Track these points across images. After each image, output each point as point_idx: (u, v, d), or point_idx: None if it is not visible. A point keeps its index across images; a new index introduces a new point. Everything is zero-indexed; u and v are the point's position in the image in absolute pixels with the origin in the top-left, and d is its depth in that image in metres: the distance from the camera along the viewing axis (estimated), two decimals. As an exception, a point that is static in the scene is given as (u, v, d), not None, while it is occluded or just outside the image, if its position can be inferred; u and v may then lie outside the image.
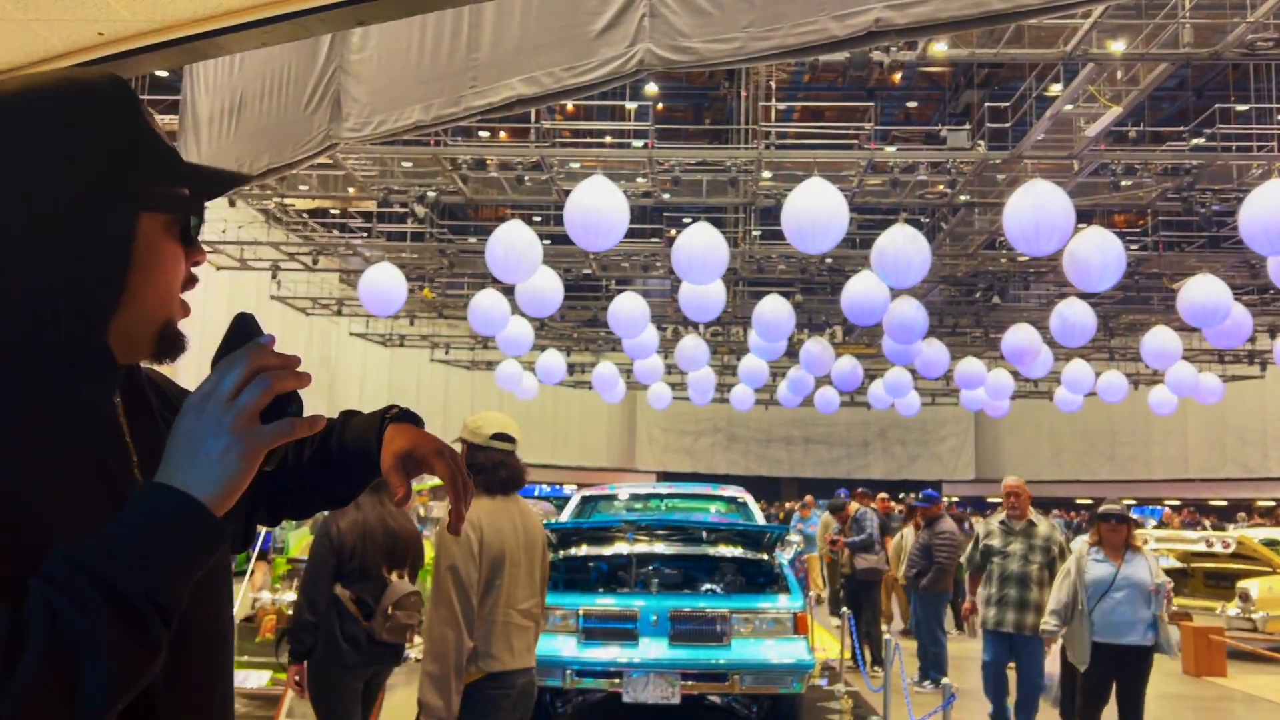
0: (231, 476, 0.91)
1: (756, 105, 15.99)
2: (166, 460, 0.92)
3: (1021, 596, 6.58)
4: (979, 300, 21.39)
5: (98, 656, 0.82)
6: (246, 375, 0.92)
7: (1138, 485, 33.11)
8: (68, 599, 0.82)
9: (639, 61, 5.09)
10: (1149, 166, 14.59)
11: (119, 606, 0.83)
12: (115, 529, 0.87)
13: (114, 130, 1.06)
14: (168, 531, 0.88)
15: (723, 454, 37.70)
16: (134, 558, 0.86)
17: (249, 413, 0.91)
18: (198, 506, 0.89)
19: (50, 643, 0.80)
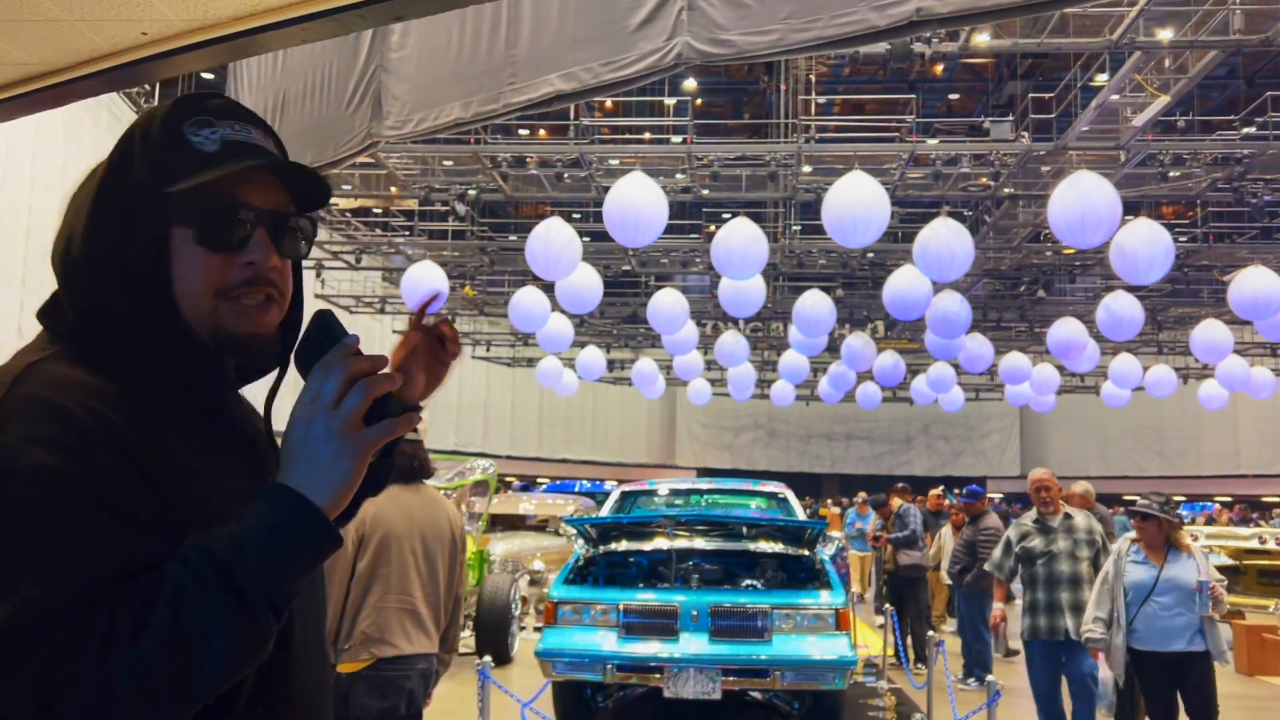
0: (344, 481, 0.98)
1: (796, 99, 15.89)
2: (284, 466, 0.99)
3: (1076, 599, 5.94)
4: (1023, 294, 21.11)
5: (215, 635, 0.91)
6: (345, 382, 0.98)
7: (1187, 481, 32.51)
8: (194, 582, 0.92)
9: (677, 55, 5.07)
10: (1198, 156, 14.31)
11: (237, 595, 0.93)
12: (242, 524, 0.97)
13: (146, 147, 1.14)
14: (287, 533, 0.96)
15: (763, 450, 37.56)
16: (255, 554, 0.94)
17: (354, 419, 0.97)
18: (315, 511, 0.97)
19: (173, 618, 0.91)
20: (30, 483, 0.94)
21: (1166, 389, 20.26)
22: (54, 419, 0.98)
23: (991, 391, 29.66)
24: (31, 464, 0.94)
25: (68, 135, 15.73)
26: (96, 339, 1.12)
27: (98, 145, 16.70)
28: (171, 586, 0.92)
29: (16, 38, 2.58)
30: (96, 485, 0.96)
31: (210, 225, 1.11)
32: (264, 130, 1.20)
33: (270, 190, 1.16)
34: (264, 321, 1.15)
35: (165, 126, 1.14)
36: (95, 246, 1.13)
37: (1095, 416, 31.45)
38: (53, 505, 0.94)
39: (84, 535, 0.93)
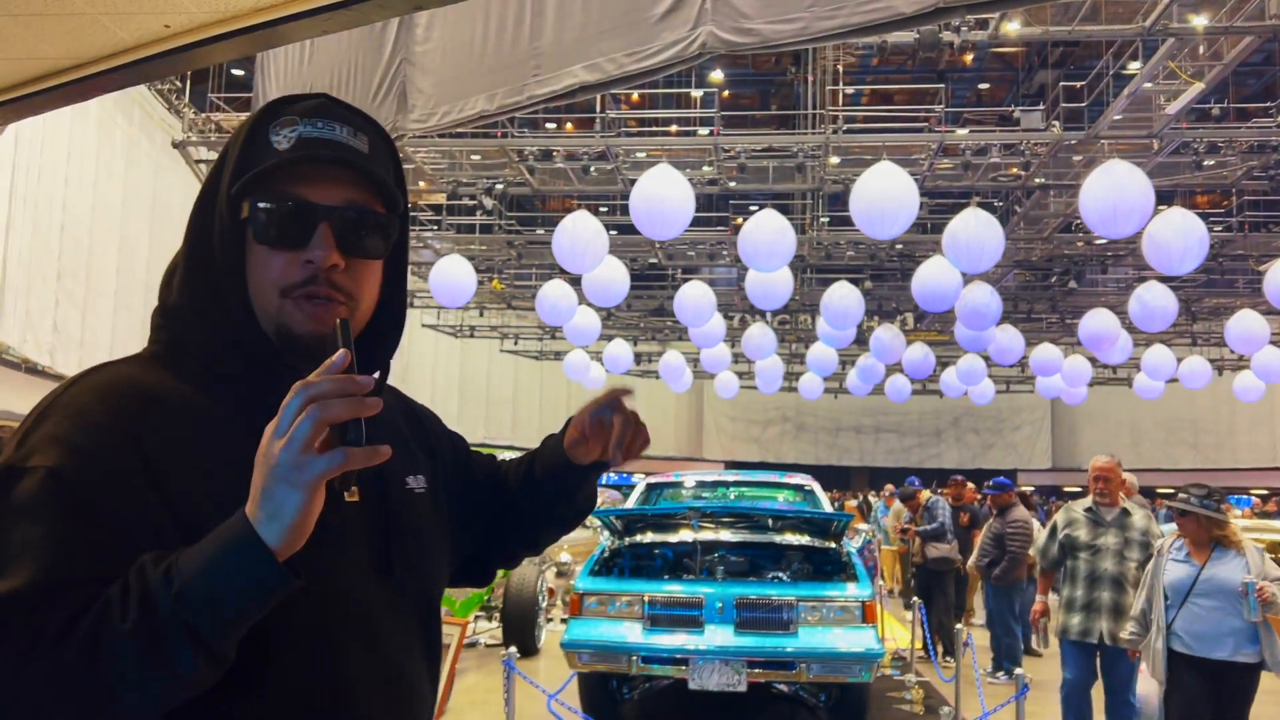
0: (294, 515, 0.91)
1: (824, 90, 15.78)
2: (251, 490, 0.94)
3: (1116, 601, 5.55)
4: (1055, 285, 20.89)
5: (126, 667, 0.89)
6: (299, 407, 0.92)
7: (1222, 474, 32.03)
8: (119, 605, 0.90)
9: (701, 44, 5.05)
10: (1233, 144, 14.09)
11: (151, 629, 0.89)
12: (192, 551, 0.93)
13: (234, 148, 1.15)
14: (226, 569, 0.91)
15: (791, 443, 37.45)
16: (185, 586, 0.90)
17: (300, 446, 0.90)
18: (260, 549, 0.91)
19: (91, 637, 0.89)
20: (27, 483, 0.96)
21: (1201, 381, 20.01)
22: (76, 421, 1.01)
23: (1022, 384, 29.41)
24: (35, 464, 0.97)
25: (100, 132, 15.91)
26: (175, 338, 1.15)
27: (130, 142, 16.89)
28: (102, 605, 0.91)
29: (42, 32, 2.60)
30: (90, 492, 0.97)
31: (268, 222, 1.11)
32: (358, 128, 1.17)
33: (342, 187, 1.13)
34: (326, 321, 1.11)
35: (253, 127, 1.15)
36: (190, 247, 1.17)
37: (1128, 409, 31.10)
38: (35, 506, 0.95)
39: (53, 541, 0.94)
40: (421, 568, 1.25)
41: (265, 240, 1.11)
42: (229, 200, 1.12)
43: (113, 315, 17.14)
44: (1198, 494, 4.91)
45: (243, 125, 1.17)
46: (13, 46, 2.70)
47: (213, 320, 1.13)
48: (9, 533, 0.95)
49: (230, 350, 1.13)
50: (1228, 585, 4.70)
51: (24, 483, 0.97)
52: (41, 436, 1.00)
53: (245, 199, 1.11)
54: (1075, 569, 5.68)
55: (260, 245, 1.12)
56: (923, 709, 7.42)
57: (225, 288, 1.13)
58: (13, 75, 2.93)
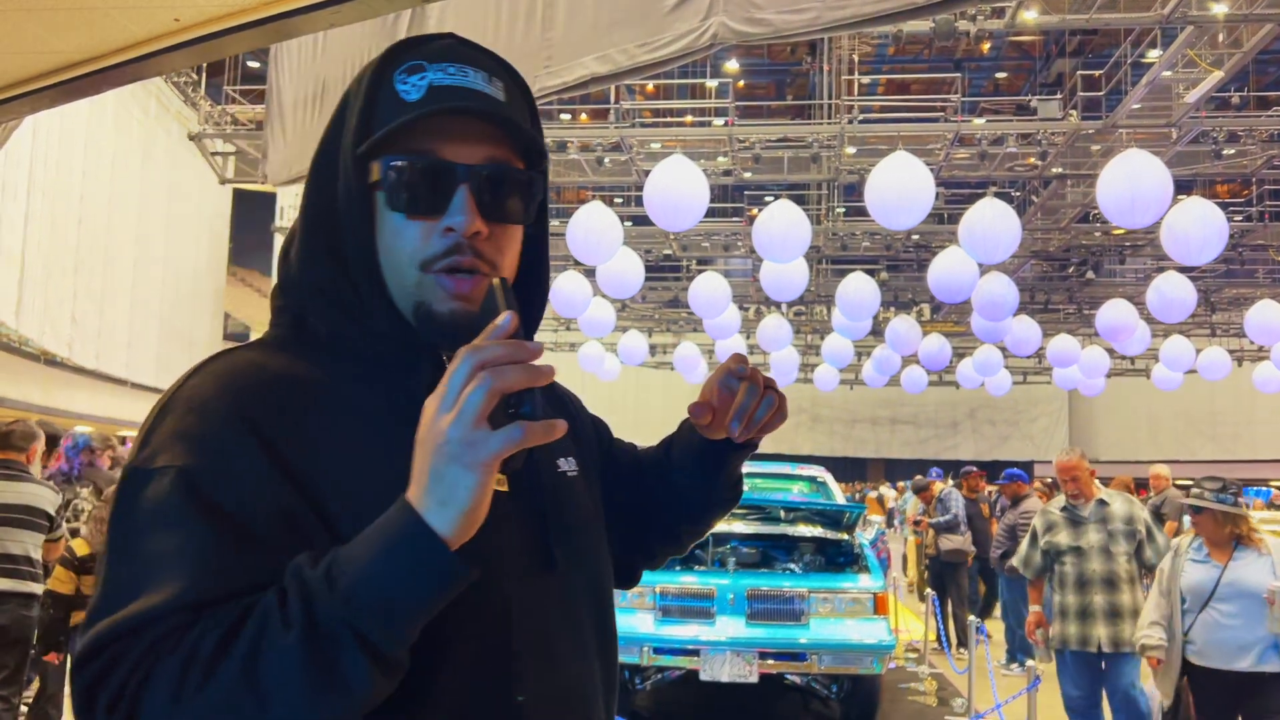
0: (468, 500, 0.80)
1: (839, 79, 15.72)
2: (414, 473, 0.83)
3: (1112, 603, 5.14)
4: (1072, 275, 20.78)
5: (289, 683, 0.77)
6: (468, 375, 0.80)
7: (1241, 465, 31.84)
8: (280, 615, 0.79)
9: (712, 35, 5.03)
10: (1253, 133, 13.97)
11: (316, 635, 0.78)
12: (351, 549, 0.82)
13: (355, 101, 1.01)
14: (395, 567, 0.80)
15: (807, 434, 37.37)
16: (349, 591, 0.79)
17: (473, 420, 0.79)
18: (433, 541, 0.80)
19: (250, 655, 0.78)
20: (157, 485, 0.86)
21: (1220, 372, 19.83)
22: (201, 415, 0.91)
23: (1039, 375, 29.26)
24: (163, 464, 0.87)
25: (117, 125, 16.02)
26: (298, 319, 1.04)
27: (147, 135, 16.99)
28: (258, 619, 0.80)
29: (54, 26, 2.62)
30: (226, 491, 0.87)
31: (400, 186, 0.97)
32: (493, 72, 1.03)
33: (482, 142, 0.99)
34: (471, 295, 0.98)
35: (375, 76, 1.01)
36: (308, 218, 1.04)
37: (1146, 400, 30.91)
38: (169, 511, 0.85)
39: (193, 548, 0.83)
40: (589, 558, 1.12)
41: (398, 207, 0.98)
42: (354, 161, 0.99)
43: (130, 308, 17.27)
44: (1212, 488, 4.46)
45: (364, 72, 1.02)
46: (25, 40, 2.72)
47: (340, 299, 1.01)
48: (143, 542, 0.84)
49: (362, 331, 1.01)
50: (1252, 589, 4.24)
51: (153, 485, 0.86)
52: (165, 434, 0.90)
53: (373, 159, 0.98)
54: (1064, 574, 5.32)
55: (392, 213, 0.99)
56: (936, 700, 7.42)
57: (353, 261, 1.00)
58: (26, 69, 2.95)
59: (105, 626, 0.80)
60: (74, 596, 4.63)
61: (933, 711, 7.15)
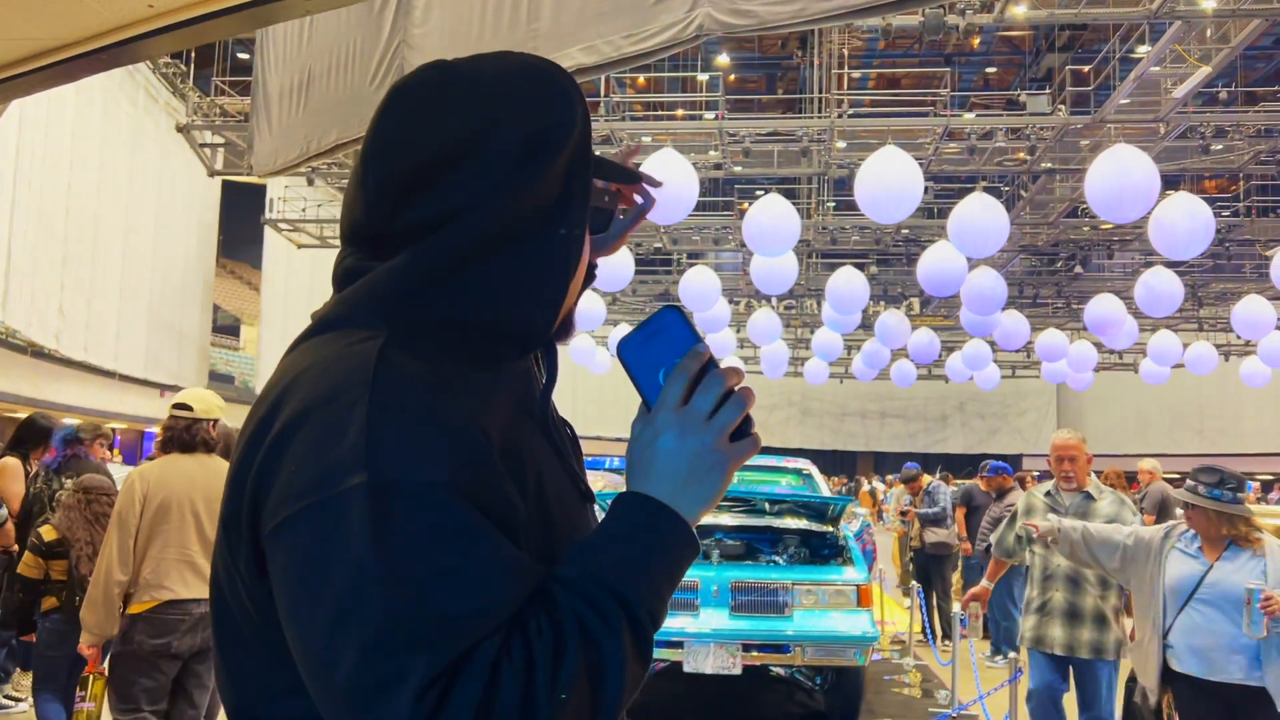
0: (714, 497, 0.94)
1: (830, 74, 15.72)
2: (649, 475, 0.94)
3: (1072, 603, 4.72)
4: (1060, 270, 20.84)
5: (618, 670, 0.85)
6: (722, 395, 0.93)
7: (1228, 460, 31.94)
8: (595, 613, 0.86)
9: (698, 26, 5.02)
10: (1241, 129, 14.01)
11: (634, 623, 0.87)
12: (620, 544, 0.91)
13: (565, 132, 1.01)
14: (671, 555, 0.91)
15: (796, 428, 37.45)
16: (643, 577, 0.89)
17: (726, 434, 0.93)
18: (687, 531, 0.92)
19: (586, 654, 0.84)
20: (420, 501, 0.83)
21: (1207, 366, 19.92)
22: (436, 424, 0.87)
23: (1028, 369, 29.35)
24: (429, 481, 0.83)
25: (105, 116, 15.94)
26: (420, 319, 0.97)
27: (135, 126, 16.91)
28: (576, 619, 0.84)
29: (26, 11, 2.60)
30: (491, 500, 0.87)
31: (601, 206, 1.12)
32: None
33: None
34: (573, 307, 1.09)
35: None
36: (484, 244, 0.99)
37: (1134, 394, 31.04)
38: (455, 531, 0.83)
39: (488, 564, 0.83)
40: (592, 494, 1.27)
41: (597, 227, 1.11)
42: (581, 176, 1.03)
43: (119, 299, 17.21)
44: (1207, 481, 3.94)
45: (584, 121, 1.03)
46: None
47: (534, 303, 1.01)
48: (430, 564, 0.81)
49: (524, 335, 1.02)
50: (1236, 594, 3.77)
51: (424, 502, 0.82)
52: (403, 446, 0.84)
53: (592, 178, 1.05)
54: (1032, 565, 4.92)
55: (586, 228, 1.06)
56: (920, 692, 7.45)
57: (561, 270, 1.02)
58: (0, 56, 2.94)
59: (430, 659, 0.78)
60: (42, 581, 4.70)
61: (917, 703, 7.17)
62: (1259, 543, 3.86)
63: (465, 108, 0.98)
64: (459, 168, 0.96)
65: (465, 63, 1.02)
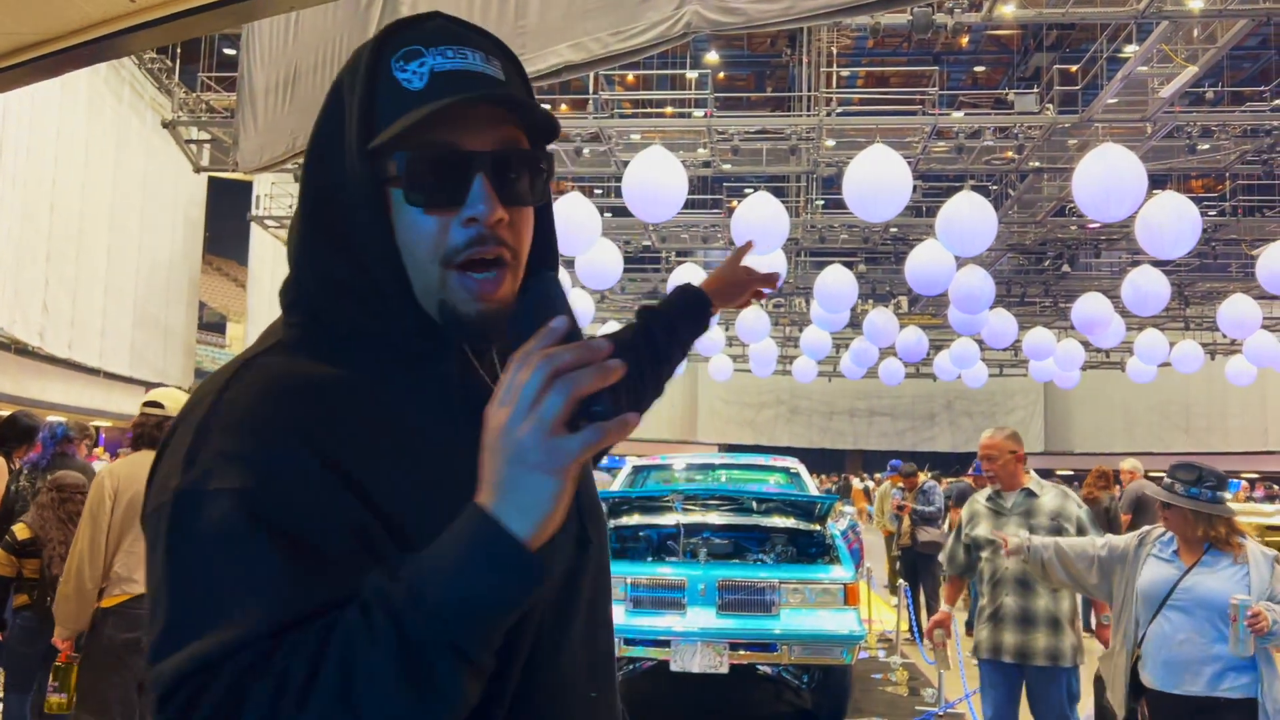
0: (549, 503, 0.79)
1: (819, 72, 15.73)
2: (485, 480, 0.81)
3: (1024, 607, 4.41)
4: (1048, 269, 20.91)
5: (387, 700, 0.76)
6: (546, 380, 0.78)
7: (1214, 458, 32.12)
8: (367, 636, 0.77)
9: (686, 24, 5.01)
10: (1227, 128, 14.07)
11: (408, 650, 0.77)
12: (430, 559, 0.80)
13: (352, 94, 0.97)
14: (479, 574, 0.78)
15: (785, 426, 37.52)
16: (437, 602, 0.78)
17: (553, 426, 0.78)
18: (513, 546, 0.79)
19: (342, 678, 0.76)
20: (214, 509, 0.82)
21: (1193, 365, 20.03)
22: (250, 431, 0.86)
23: (1015, 367, 29.45)
24: (219, 486, 0.83)
25: (90, 111, 15.84)
26: (313, 316, 0.99)
27: (120, 121, 16.82)
28: (343, 639, 0.78)
29: (8, 6, 2.57)
30: (291, 511, 0.83)
31: (418, 180, 0.94)
32: (487, 50, 0.99)
33: (492, 125, 0.96)
34: (496, 296, 0.96)
35: (370, 65, 0.96)
36: (311, 214, 1.00)
37: (1121, 393, 31.19)
38: (233, 537, 0.81)
39: (266, 574, 0.80)
40: (603, 528, 1.14)
41: (416, 202, 0.95)
42: (363, 156, 0.95)
43: (104, 296, 17.11)
44: (1184, 479, 3.67)
45: (357, 59, 0.98)
46: (-20, 22, 2.67)
47: (357, 294, 0.97)
48: (208, 571, 0.81)
49: (383, 325, 0.98)
50: (1211, 600, 3.51)
51: (209, 510, 0.82)
52: (215, 454, 0.85)
53: (384, 153, 0.94)
54: (980, 571, 4.66)
55: (410, 208, 0.95)
56: (907, 691, 7.46)
57: (372, 258, 0.96)
58: (-19, 51, 2.90)
59: (183, 661, 0.77)
60: (15, 579, 4.71)
61: (904, 701, 7.18)
62: (1240, 548, 3.59)
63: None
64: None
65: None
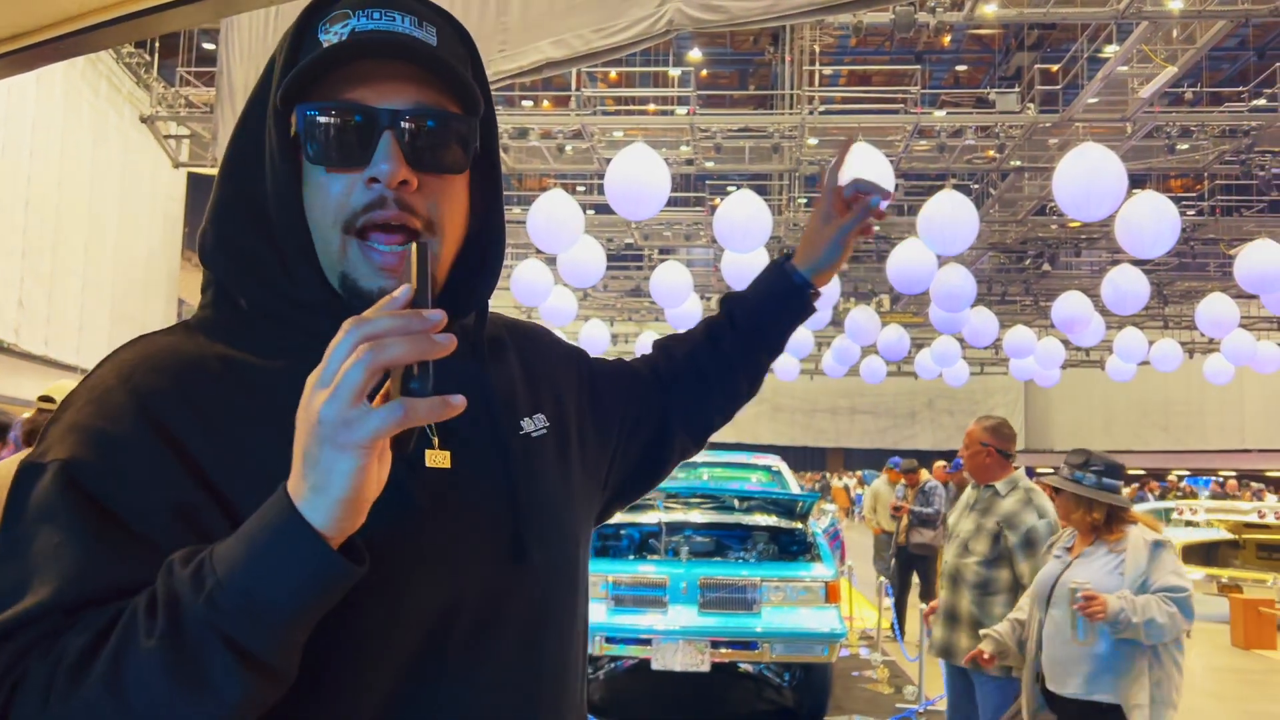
0: (346, 488, 0.72)
1: (801, 70, 15.74)
2: (294, 457, 0.75)
3: (951, 604, 4.27)
4: (1029, 267, 21.00)
5: (149, 688, 0.72)
6: (349, 350, 0.72)
7: (1192, 456, 32.49)
8: (146, 619, 0.73)
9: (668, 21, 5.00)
10: (1206, 128, 14.16)
11: (180, 640, 0.72)
12: (225, 546, 0.75)
13: (280, 54, 0.95)
14: (267, 564, 0.73)
15: (767, 424, 37.57)
16: (221, 587, 0.72)
17: (348, 400, 0.71)
18: (308, 535, 0.72)
19: (113, 662, 0.73)
20: (42, 481, 0.81)
21: (1172, 363, 20.15)
22: (96, 405, 0.85)
23: (996, 365, 29.57)
24: (52, 458, 0.82)
25: (67, 106, 15.69)
26: (224, 293, 0.96)
27: (97, 115, 16.65)
28: (125, 622, 0.74)
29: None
30: (110, 484, 0.81)
31: (319, 136, 0.89)
32: (424, 18, 0.95)
33: (407, 86, 0.91)
34: (399, 269, 0.90)
35: (298, 28, 0.95)
36: (227, 180, 0.96)
37: (1100, 391, 31.39)
38: (51, 508, 0.80)
39: (70, 548, 0.78)
40: (556, 544, 1.01)
41: (318, 160, 0.90)
42: (275, 115, 0.92)
43: (81, 292, 16.95)
44: (1072, 463, 3.55)
45: (291, 27, 0.96)
46: (-48, 14, 2.63)
47: (262, 268, 0.93)
48: (27, 541, 0.79)
49: (288, 302, 0.93)
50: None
51: (40, 481, 0.81)
52: (61, 427, 0.85)
53: (291, 110, 0.91)
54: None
55: (314, 167, 0.91)
56: (888, 688, 7.48)
57: (279, 225, 0.93)
58: (-46, 44, 2.86)
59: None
60: None
61: (884, 699, 7.20)
62: (1120, 535, 3.43)
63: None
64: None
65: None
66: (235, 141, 0.97)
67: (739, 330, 1.36)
